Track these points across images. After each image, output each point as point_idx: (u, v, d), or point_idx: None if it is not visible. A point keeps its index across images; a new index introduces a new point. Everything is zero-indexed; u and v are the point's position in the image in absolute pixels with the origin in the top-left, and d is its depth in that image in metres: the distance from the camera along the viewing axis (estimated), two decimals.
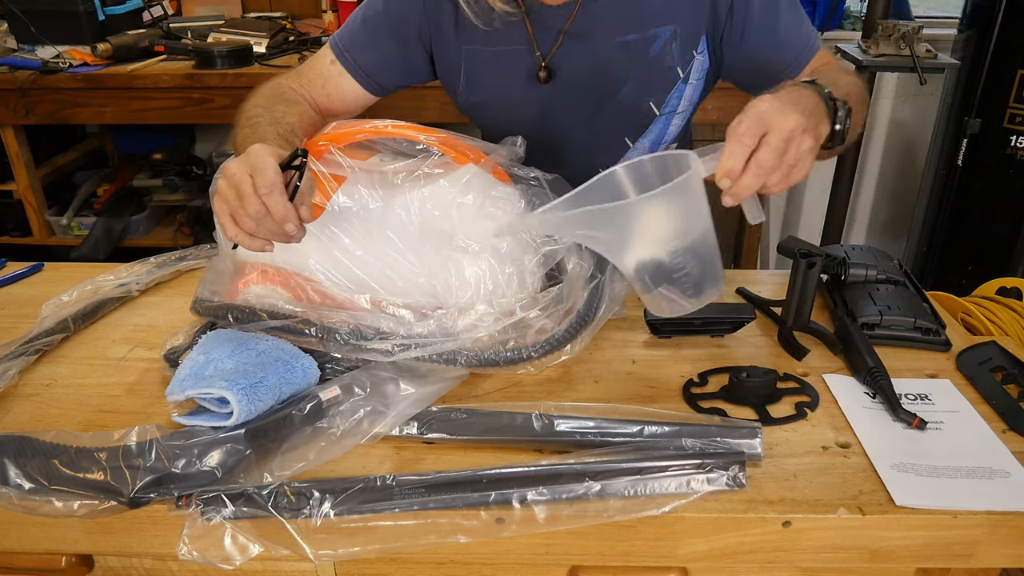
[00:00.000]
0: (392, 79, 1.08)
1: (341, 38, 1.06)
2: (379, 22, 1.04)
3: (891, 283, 1.01)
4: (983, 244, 2.41)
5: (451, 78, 1.09)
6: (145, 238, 2.54)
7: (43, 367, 0.89)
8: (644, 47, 1.00)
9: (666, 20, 0.99)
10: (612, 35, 1.00)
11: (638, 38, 1.00)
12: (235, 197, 0.74)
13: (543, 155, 0.97)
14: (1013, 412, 0.80)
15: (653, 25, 0.99)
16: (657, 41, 0.99)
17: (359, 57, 1.05)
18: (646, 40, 1.00)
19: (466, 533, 0.67)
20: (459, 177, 0.84)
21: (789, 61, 0.99)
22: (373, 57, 1.05)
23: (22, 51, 2.26)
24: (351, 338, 0.80)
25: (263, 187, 0.72)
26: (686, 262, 0.73)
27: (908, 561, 0.70)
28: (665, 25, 0.99)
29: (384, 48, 1.05)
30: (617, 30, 1.00)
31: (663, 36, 0.99)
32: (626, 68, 1.01)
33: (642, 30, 0.99)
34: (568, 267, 0.88)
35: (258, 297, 0.85)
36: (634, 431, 0.74)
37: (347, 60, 1.05)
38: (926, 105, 2.75)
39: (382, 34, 1.04)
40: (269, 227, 0.74)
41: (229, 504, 0.66)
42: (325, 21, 2.53)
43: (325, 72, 1.06)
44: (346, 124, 0.90)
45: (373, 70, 1.06)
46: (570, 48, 1.02)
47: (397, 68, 1.07)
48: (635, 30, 0.99)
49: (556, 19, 1.00)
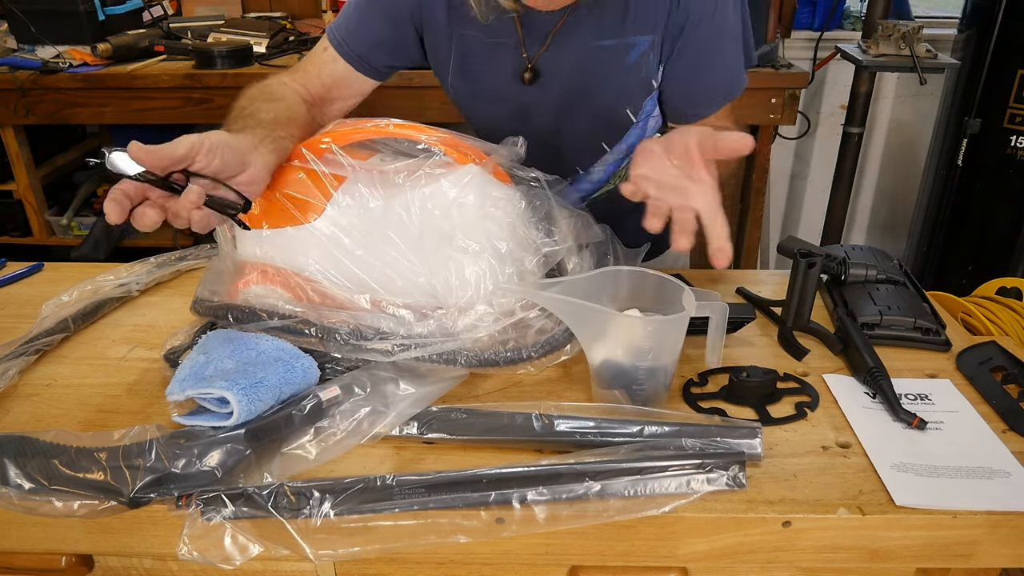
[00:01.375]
0: (383, 59, 1.08)
1: (335, 24, 1.07)
2: (373, 6, 1.05)
3: (891, 283, 1.01)
4: (983, 244, 2.41)
5: (441, 65, 1.09)
6: (145, 238, 2.54)
7: (43, 367, 0.89)
8: (622, 53, 1.01)
9: (645, 30, 1.00)
10: (593, 38, 1.01)
11: (617, 43, 1.00)
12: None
13: (527, 154, 0.97)
14: (1013, 412, 0.80)
15: (632, 33, 1.00)
16: (635, 49, 1.00)
17: (351, 40, 1.06)
18: (625, 46, 1.00)
19: (466, 533, 0.67)
20: (460, 177, 0.84)
21: (699, 104, 1.04)
22: (365, 39, 1.06)
23: (22, 51, 2.26)
24: (351, 338, 0.80)
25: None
26: (647, 380, 0.78)
27: (908, 561, 0.70)
28: (644, 35, 1.00)
29: (375, 29, 1.05)
30: (598, 34, 1.00)
31: (641, 46, 1.00)
32: (604, 72, 1.02)
33: (621, 36, 1.00)
34: (568, 267, 0.88)
35: (258, 297, 0.85)
36: (634, 431, 0.74)
37: (339, 44, 1.06)
38: (926, 105, 2.76)
39: (374, 15, 1.05)
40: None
41: (229, 504, 0.66)
42: (325, 21, 2.54)
43: (318, 60, 1.07)
44: (346, 124, 0.90)
45: (364, 52, 1.06)
46: (555, 51, 1.02)
47: (388, 48, 1.07)
48: (615, 35, 1.00)
49: (545, 23, 1.01)
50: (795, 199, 3.01)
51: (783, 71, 2.12)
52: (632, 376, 0.77)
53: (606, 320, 0.76)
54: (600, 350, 0.79)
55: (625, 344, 0.76)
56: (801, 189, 2.98)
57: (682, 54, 1.00)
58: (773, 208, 2.99)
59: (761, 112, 2.14)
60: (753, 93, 2.09)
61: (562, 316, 0.79)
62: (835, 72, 2.73)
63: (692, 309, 0.76)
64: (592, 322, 0.77)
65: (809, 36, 2.65)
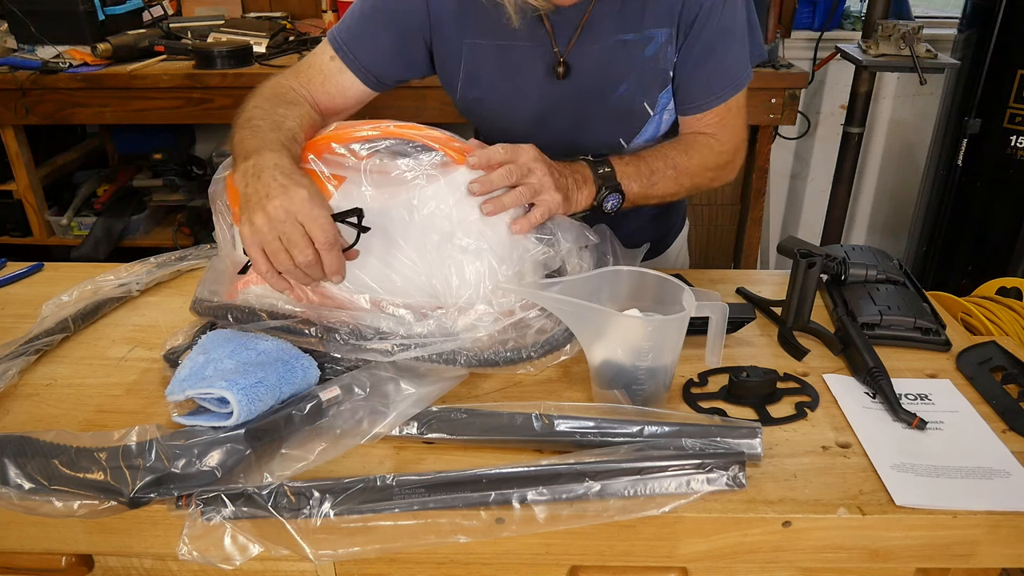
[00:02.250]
0: (391, 73, 1.08)
1: (340, 33, 1.06)
2: (378, 16, 1.04)
3: (891, 283, 1.01)
4: (983, 244, 2.41)
5: (450, 73, 1.09)
6: (145, 238, 2.54)
7: (43, 367, 0.89)
8: (641, 47, 1.02)
9: (663, 23, 1.01)
10: (614, 33, 1.01)
11: (636, 37, 1.01)
12: (275, 239, 0.76)
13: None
14: (1013, 412, 0.80)
15: (651, 26, 1.01)
16: (652, 43, 1.01)
17: (358, 52, 1.05)
18: (643, 40, 1.01)
19: (466, 533, 0.67)
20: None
21: (699, 96, 1.05)
22: (372, 51, 1.05)
23: (22, 51, 2.26)
24: (351, 338, 0.80)
25: (324, 243, 0.76)
26: (647, 379, 0.78)
27: (908, 561, 0.70)
28: (662, 28, 1.01)
29: (383, 42, 1.04)
30: (619, 28, 1.01)
31: (659, 38, 1.01)
32: (625, 66, 1.02)
33: (640, 30, 1.01)
34: (568, 267, 0.88)
35: (258, 297, 0.85)
36: (634, 431, 0.74)
37: (346, 55, 1.05)
38: (926, 105, 2.76)
39: (381, 28, 1.04)
40: (310, 275, 0.77)
41: (229, 504, 0.66)
42: (325, 21, 2.53)
43: (325, 69, 1.06)
44: (346, 124, 0.90)
45: (372, 65, 1.06)
46: (581, 46, 1.03)
47: (396, 62, 1.07)
48: (634, 29, 1.01)
49: (571, 19, 1.01)
50: (795, 199, 3.01)
51: (783, 71, 2.12)
52: (632, 376, 0.77)
53: (606, 320, 0.76)
54: (600, 350, 0.79)
55: (625, 344, 0.76)
56: (801, 189, 2.98)
57: (692, 45, 1.01)
58: (773, 208, 2.98)
59: (761, 112, 2.14)
60: (753, 93, 2.08)
61: (562, 316, 0.79)
62: (835, 72, 2.73)
63: (692, 309, 0.76)
64: (592, 322, 0.77)
65: (809, 36, 2.65)
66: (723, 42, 1.02)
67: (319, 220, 0.76)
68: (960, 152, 2.32)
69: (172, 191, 2.61)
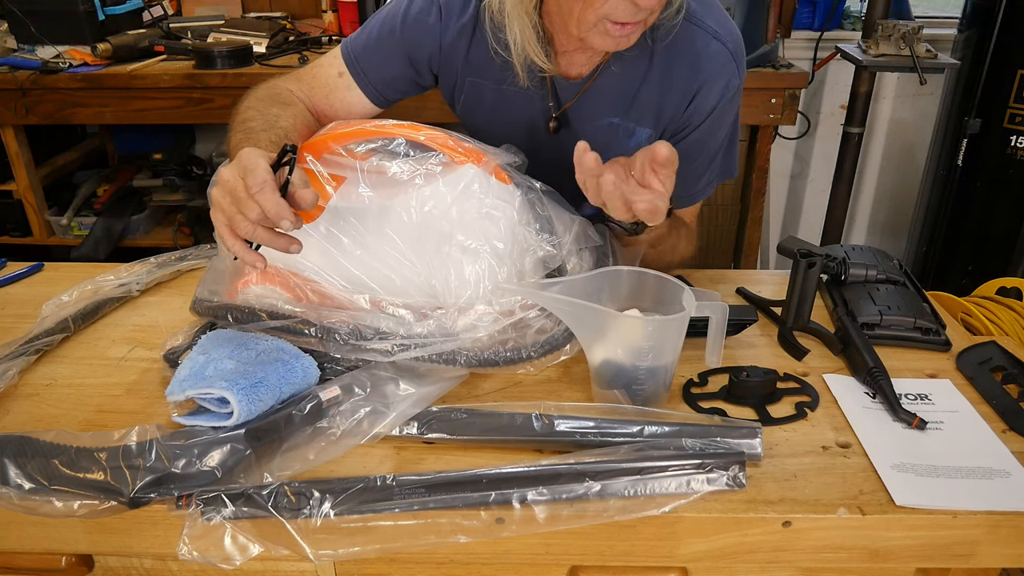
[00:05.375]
0: (398, 95, 1.11)
1: (354, 50, 1.07)
2: (394, 43, 1.05)
3: (891, 283, 1.01)
4: (983, 244, 2.41)
5: (451, 96, 1.13)
6: (145, 238, 2.54)
7: (43, 367, 0.89)
8: (626, 136, 1.06)
9: (645, 123, 1.04)
10: (606, 114, 1.05)
11: (623, 126, 1.05)
12: (230, 203, 0.74)
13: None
14: (1013, 412, 0.80)
15: (635, 121, 1.05)
16: (635, 136, 1.05)
17: (371, 72, 1.07)
18: (626, 130, 1.05)
19: (466, 533, 0.67)
20: (459, 177, 0.84)
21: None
22: (384, 75, 1.07)
23: (22, 51, 2.26)
24: (351, 338, 0.80)
25: (254, 186, 0.72)
26: (647, 379, 0.78)
27: (908, 561, 0.70)
28: (645, 127, 1.05)
29: (396, 68, 1.07)
30: (610, 111, 1.05)
31: (639, 136, 1.05)
32: (609, 148, 1.03)
33: (626, 120, 1.05)
34: (568, 267, 0.88)
35: (257, 297, 0.85)
36: (634, 431, 0.74)
37: (359, 75, 1.06)
38: (926, 105, 2.76)
39: (396, 54, 1.06)
40: (264, 233, 0.74)
41: (229, 504, 0.66)
42: (325, 21, 2.53)
43: (332, 83, 1.07)
44: (346, 124, 0.90)
45: (382, 85, 1.08)
46: (575, 111, 1.06)
47: (405, 86, 1.10)
48: (622, 118, 1.05)
49: (573, 84, 1.04)
50: (795, 199, 3.01)
51: (783, 71, 2.12)
52: (632, 376, 0.77)
53: (606, 320, 0.76)
54: (600, 350, 0.79)
55: (625, 344, 0.76)
56: (801, 189, 2.98)
57: (681, 135, 1.04)
58: (773, 208, 2.98)
59: (761, 112, 2.14)
60: (753, 93, 2.09)
61: (562, 316, 0.79)
62: (835, 72, 2.73)
63: (692, 309, 0.76)
64: (592, 322, 0.77)
65: (809, 36, 2.65)
66: (699, 154, 1.05)
67: (249, 167, 0.72)
68: (960, 152, 2.32)
69: (172, 191, 2.61)
